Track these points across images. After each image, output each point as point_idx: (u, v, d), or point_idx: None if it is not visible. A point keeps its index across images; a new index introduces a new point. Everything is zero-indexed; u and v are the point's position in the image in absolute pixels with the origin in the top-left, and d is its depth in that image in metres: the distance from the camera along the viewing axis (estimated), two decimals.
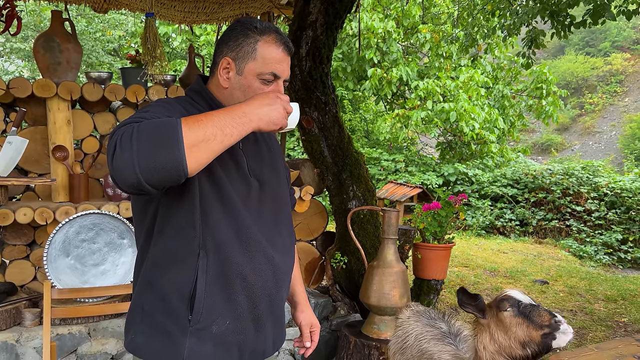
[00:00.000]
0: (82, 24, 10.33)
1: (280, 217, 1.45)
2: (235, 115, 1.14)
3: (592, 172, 9.01)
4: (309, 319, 1.60)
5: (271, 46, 1.31)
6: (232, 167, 1.32)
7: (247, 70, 1.31)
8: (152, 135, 1.04)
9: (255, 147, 1.42)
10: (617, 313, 4.82)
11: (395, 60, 9.94)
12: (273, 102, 1.18)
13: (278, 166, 1.50)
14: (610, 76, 24.68)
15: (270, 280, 1.36)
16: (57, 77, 2.95)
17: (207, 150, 1.09)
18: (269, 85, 1.32)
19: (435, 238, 3.51)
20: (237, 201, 1.30)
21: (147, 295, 1.31)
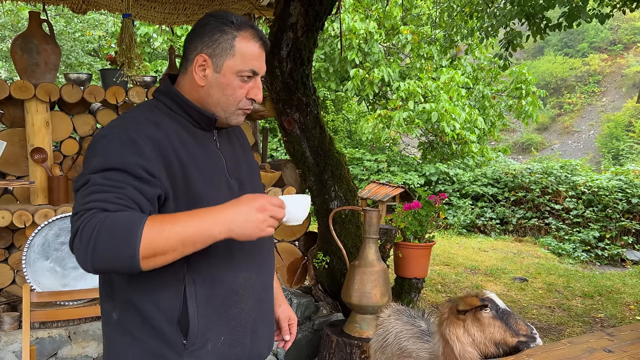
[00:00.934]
0: (61, 24, 10.20)
1: None
2: (204, 225, 1.08)
3: (570, 171, 9.18)
4: (287, 313, 1.58)
5: (249, 42, 1.27)
6: (213, 174, 1.28)
7: (225, 68, 1.26)
8: (110, 244, 1.03)
9: (230, 146, 1.39)
10: (593, 309, 4.92)
11: (377, 61, 10.01)
12: (253, 214, 1.11)
13: (252, 163, 1.47)
14: (588, 76, 25.14)
15: (258, 285, 1.34)
16: (36, 79, 2.93)
17: (164, 260, 1.08)
18: (248, 82, 1.28)
19: (416, 237, 3.55)
20: None
21: (133, 317, 1.24)
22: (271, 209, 1.13)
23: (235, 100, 1.29)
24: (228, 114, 1.31)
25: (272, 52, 3.31)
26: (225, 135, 1.39)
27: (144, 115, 1.26)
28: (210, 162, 1.29)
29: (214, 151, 1.31)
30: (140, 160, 1.14)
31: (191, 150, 1.25)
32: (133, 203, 1.10)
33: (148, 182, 1.14)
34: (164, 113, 1.28)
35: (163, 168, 1.18)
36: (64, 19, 10.42)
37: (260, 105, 3.64)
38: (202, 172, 1.25)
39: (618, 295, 5.43)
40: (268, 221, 1.13)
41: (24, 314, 2.22)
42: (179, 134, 1.25)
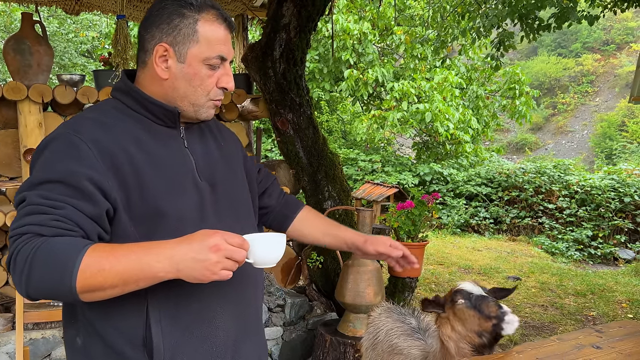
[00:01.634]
0: (54, 25, 10.17)
1: (242, 216, 1.29)
2: (148, 261, 0.96)
3: (563, 171, 9.23)
4: (381, 240, 1.42)
5: (213, 25, 1.13)
6: (175, 177, 1.14)
7: (190, 56, 1.12)
8: (45, 275, 0.94)
9: (203, 144, 1.25)
10: (586, 307, 4.96)
11: (371, 62, 10.04)
12: (204, 253, 0.95)
13: (232, 162, 1.32)
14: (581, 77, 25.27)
15: (237, 298, 1.21)
16: (28, 80, 2.93)
17: (105, 295, 0.98)
18: (217, 69, 1.15)
19: (409, 237, 3.57)
20: (187, 220, 1.12)
21: (96, 342, 1.11)
22: (227, 249, 0.97)
23: (205, 91, 1.15)
24: (197, 107, 1.17)
25: (265, 52, 3.32)
26: (196, 132, 1.25)
27: (94, 116, 1.12)
28: (173, 163, 1.15)
29: (179, 150, 1.18)
30: (85, 169, 1.02)
31: (149, 152, 1.11)
32: (73, 225, 0.99)
33: (90, 198, 1.01)
34: (120, 112, 1.15)
35: (112, 176, 1.05)
36: (57, 20, 10.39)
37: (254, 106, 3.65)
38: (161, 176, 1.11)
39: (610, 293, 5.47)
40: (223, 263, 0.96)
41: (17, 315, 2.22)
42: (136, 134, 1.12)
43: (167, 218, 1.09)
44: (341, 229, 1.49)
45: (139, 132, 1.13)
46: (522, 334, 4.12)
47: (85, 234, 1.01)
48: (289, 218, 1.47)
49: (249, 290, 1.27)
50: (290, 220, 1.47)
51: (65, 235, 0.97)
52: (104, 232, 1.05)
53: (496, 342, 1.54)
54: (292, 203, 1.50)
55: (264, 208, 1.45)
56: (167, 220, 1.09)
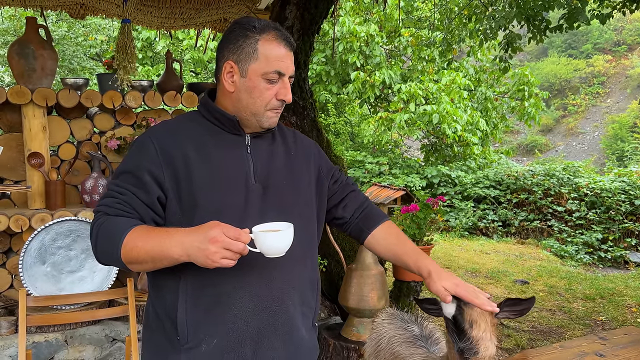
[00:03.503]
0: (64, 29, 10.26)
1: (292, 218, 1.31)
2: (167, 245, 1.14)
3: (573, 173, 9.13)
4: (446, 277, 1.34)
5: (272, 43, 1.29)
6: (226, 177, 1.30)
7: (250, 71, 1.29)
8: (104, 246, 1.22)
9: (269, 151, 1.39)
10: (595, 312, 4.89)
11: (379, 64, 10.01)
12: (205, 244, 1.10)
13: (299, 168, 1.43)
14: (592, 78, 25.06)
15: (263, 294, 1.30)
16: (32, 84, 2.94)
17: (145, 268, 1.21)
18: (275, 83, 1.30)
19: (415, 240, 3.55)
20: (226, 215, 1.24)
21: (152, 311, 1.36)
22: (224, 241, 1.09)
23: (263, 102, 1.30)
24: (258, 116, 1.32)
25: None
26: (267, 140, 1.41)
27: (170, 123, 1.38)
28: (227, 165, 1.31)
29: (239, 154, 1.34)
30: (147, 163, 1.27)
31: (205, 154, 1.30)
32: (130, 208, 1.24)
33: (145, 187, 1.25)
34: (192, 121, 1.36)
35: (168, 170, 1.26)
36: (66, 23, 10.48)
37: None
38: (209, 174, 1.28)
39: (620, 297, 5.39)
40: (221, 253, 1.10)
41: (20, 318, 2.22)
42: (199, 139, 1.32)
43: (203, 210, 1.24)
44: (407, 253, 1.45)
45: (203, 137, 1.32)
46: (529, 338, 4.07)
47: (140, 216, 1.25)
48: (364, 232, 1.52)
49: (278, 289, 1.33)
50: (365, 234, 1.52)
51: (124, 216, 1.23)
52: (158, 216, 1.28)
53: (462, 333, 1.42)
54: (371, 217, 1.53)
55: (339, 219, 1.54)
56: (202, 212, 1.24)
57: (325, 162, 1.54)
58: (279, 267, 1.31)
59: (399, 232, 1.53)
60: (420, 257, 1.42)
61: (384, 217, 1.55)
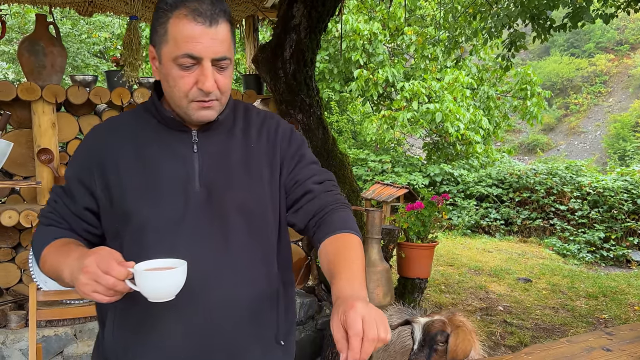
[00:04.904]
0: (67, 27, 10.28)
1: (233, 236, 1.13)
2: (61, 266, 1.04)
3: (575, 172, 9.15)
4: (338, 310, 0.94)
5: (181, 21, 1.05)
6: (161, 182, 1.12)
7: (163, 56, 1.09)
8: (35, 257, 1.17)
9: (224, 144, 1.18)
10: (597, 310, 4.92)
11: (382, 62, 10.02)
12: (78, 272, 0.96)
13: (255, 164, 1.18)
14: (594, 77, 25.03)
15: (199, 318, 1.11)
16: (42, 81, 2.97)
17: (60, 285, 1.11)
18: (191, 70, 1.07)
19: (419, 237, 3.57)
20: (155, 228, 1.10)
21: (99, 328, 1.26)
22: (94, 273, 0.93)
23: (181, 92, 1.09)
24: (183, 109, 1.12)
25: (275, 53, 3.33)
26: (221, 133, 1.19)
27: (116, 119, 1.23)
28: (165, 168, 1.13)
29: (183, 154, 1.15)
30: (78, 169, 1.17)
31: (143, 155, 1.14)
32: (60, 218, 1.17)
33: (73, 196, 1.16)
34: (136, 117, 1.21)
35: (99, 175, 1.14)
36: (70, 20, 10.50)
37: (264, 107, 3.67)
38: (142, 180, 1.12)
39: (623, 296, 5.42)
40: (91, 286, 0.94)
41: (30, 313, 2.25)
42: (141, 137, 1.16)
43: (132, 223, 1.11)
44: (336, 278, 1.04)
45: (145, 136, 1.16)
46: (532, 336, 4.10)
47: (70, 226, 1.17)
48: (315, 244, 1.20)
49: (215, 310, 1.12)
50: (316, 248, 1.19)
51: (54, 226, 1.16)
52: (91, 226, 1.17)
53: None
54: (324, 227, 1.17)
55: (292, 225, 1.25)
56: (132, 225, 1.11)
57: (292, 153, 1.23)
58: (215, 287, 1.11)
59: (344, 249, 1.10)
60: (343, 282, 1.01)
61: (340, 228, 1.15)
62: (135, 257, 1.01)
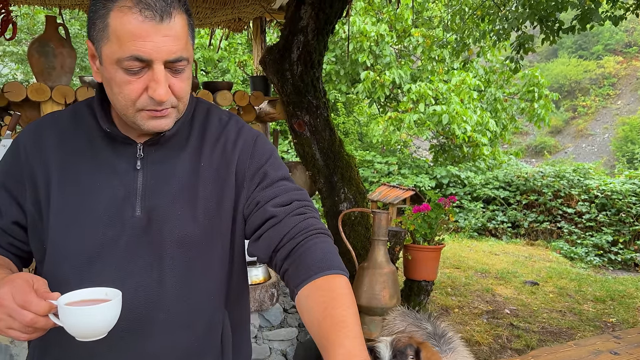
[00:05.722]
0: (76, 27, 10.36)
1: (172, 272, 0.96)
2: None
3: (583, 175, 9.11)
4: None
5: (125, 15, 0.84)
6: (93, 207, 0.94)
7: (104, 57, 0.88)
8: None
9: (172, 161, 0.99)
10: (605, 313, 4.89)
11: (389, 64, 10.03)
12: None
13: (203, 186, 0.99)
14: (603, 79, 24.92)
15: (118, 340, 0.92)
16: (52, 81, 2.99)
17: None
18: (140, 74, 0.88)
19: (426, 240, 3.56)
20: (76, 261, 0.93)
21: None
22: (8, 307, 0.78)
23: (128, 99, 0.90)
24: (130, 118, 0.93)
25: (282, 55, 3.34)
26: (172, 146, 1.00)
27: (59, 115, 1.03)
28: (99, 190, 0.95)
29: (123, 172, 0.96)
30: (6, 177, 0.98)
31: (75, 170, 0.96)
32: None
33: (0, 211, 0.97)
34: (84, 116, 1.01)
35: (29, 188, 0.96)
36: (78, 22, 10.58)
37: (271, 108, 3.68)
38: (72, 203, 0.94)
39: (630, 300, 5.38)
40: (5, 321, 0.78)
41: None
42: (75, 146, 0.98)
43: (50, 244, 0.94)
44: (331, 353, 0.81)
45: (80, 144, 0.98)
46: (539, 339, 4.08)
47: None
48: (291, 290, 0.96)
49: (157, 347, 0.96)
50: (293, 294, 0.95)
51: None
52: (18, 241, 0.99)
53: None
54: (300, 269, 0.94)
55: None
56: (49, 247, 0.95)
57: (254, 170, 1.03)
58: (147, 334, 0.93)
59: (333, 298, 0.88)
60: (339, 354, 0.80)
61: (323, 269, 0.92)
62: (54, 288, 0.84)
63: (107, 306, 0.81)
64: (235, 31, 4.19)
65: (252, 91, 3.66)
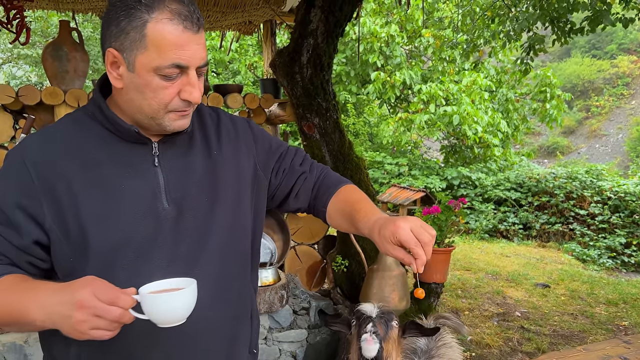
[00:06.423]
0: (89, 30, 10.47)
1: (209, 255, 1.05)
2: (28, 308, 0.87)
3: (596, 176, 9.02)
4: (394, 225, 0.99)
5: (166, 27, 0.92)
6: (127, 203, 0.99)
7: (138, 65, 0.94)
8: None
9: (186, 156, 1.08)
10: (617, 317, 4.84)
11: (399, 64, 10.01)
12: (69, 309, 0.82)
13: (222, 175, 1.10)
14: (616, 79, 24.64)
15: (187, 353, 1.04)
16: (65, 85, 3.04)
17: (12, 330, 0.97)
18: (175, 80, 0.96)
19: (436, 242, 3.56)
20: (126, 255, 0.98)
21: None
22: (95, 307, 0.82)
23: (161, 103, 0.97)
24: (158, 120, 1.00)
25: (292, 58, 3.36)
26: (182, 143, 1.08)
27: (51, 131, 1.04)
28: (129, 186, 1.00)
29: (144, 170, 1.02)
30: (18, 196, 0.97)
31: (98, 172, 0.99)
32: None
33: (17, 228, 0.96)
34: (83, 125, 1.04)
35: (49, 202, 0.97)
36: (91, 24, 10.69)
37: (281, 110, 3.70)
38: (105, 201, 0.98)
39: None
40: (90, 322, 0.82)
41: None
42: (88, 154, 1.00)
43: (96, 251, 0.96)
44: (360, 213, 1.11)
45: (95, 149, 1.01)
46: (550, 342, 4.05)
47: (11, 261, 0.98)
48: (320, 212, 1.23)
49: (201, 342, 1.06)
50: (322, 214, 1.22)
51: None
52: (39, 260, 1.00)
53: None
54: (323, 194, 1.23)
55: (296, 210, 1.27)
56: (95, 254, 0.96)
57: (262, 149, 1.20)
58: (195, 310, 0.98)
59: (351, 194, 1.20)
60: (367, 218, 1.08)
61: (337, 185, 1.22)
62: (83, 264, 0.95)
63: (188, 292, 0.89)
64: (246, 34, 4.21)
65: (262, 94, 3.68)
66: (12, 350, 2.58)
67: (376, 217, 1.07)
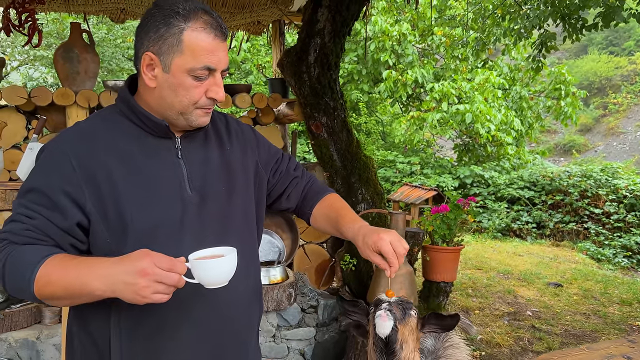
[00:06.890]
0: (103, 32, 10.60)
1: (235, 228, 1.24)
2: (86, 279, 0.98)
3: (612, 174, 8.90)
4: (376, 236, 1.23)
5: (200, 35, 1.09)
6: (156, 190, 1.13)
7: (174, 67, 1.10)
8: (14, 278, 1.04)
9: (204, 151, 1.24)
10: (631, 316, 4.78)
11: (411, 63, 9.97)
12: (132, 277, 0.94)
13: (234, 168, 1.27)
14: (634, 75, 24.21)
15: (213, 320, 1.18)
16: (76, 86, 3.09)
17: (63, 304, 1.08)
18: (204, 81, 1.12)
19: (445, 241, 3.55)
20: (161, 234, 1.12)
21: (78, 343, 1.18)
22: (155, 274, 0.95)
23: (191, 100, 1.13)
24: (186, 115, 1.15)
25: (300, 57, 3.37)
26: (199, 139, 1.24)
27: (87, 126, 1.18)
28: (156, 175, 1.15)
29: (169, 161, 1.17)
30: (61, 182, 1.08)
31: (131, 164, 1.13)
32: (43, 234, 1.07)
33: (62, 211, 1.07)
34: (114, 122, 1.18)
35: (89, 189, 1.09)
36: (106, 26, 10.82)
37: (289, 110, 3.72)
38: (137, 188, 1.12)
39: None
40: (152, 287, 0.95)
41: (63, 309, 2.35)
42: (122, 146, 1.14)
43: (135, 231, 1.09)
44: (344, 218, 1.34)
45: (126, 143, 1.14)
46: (561, 342, 4.02)
47: (56, 243, 1.08)
48: (305, 214, 1.44)
49: (226, 311, 1.21)
50: (307, 216, 1.43)
51: (35, 244, 1.06)
52: (79, 241, 1.11)
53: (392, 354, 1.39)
54: (310, 196, 1.44)
55: (285, 209, 1.45)
56: (134, 234, 1.09)
57: (264, 151, 1.39)
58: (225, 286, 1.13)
59: (336, 202, 1.41)
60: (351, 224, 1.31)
61: (323, 192, 1.44)
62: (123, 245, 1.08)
63: (231, 257, 1.05)
64: (255, 34, 4.24)
65: (271, 93, 3.70)
66: (24, 347, 2.64)
67: (359, 224, 1.30)
